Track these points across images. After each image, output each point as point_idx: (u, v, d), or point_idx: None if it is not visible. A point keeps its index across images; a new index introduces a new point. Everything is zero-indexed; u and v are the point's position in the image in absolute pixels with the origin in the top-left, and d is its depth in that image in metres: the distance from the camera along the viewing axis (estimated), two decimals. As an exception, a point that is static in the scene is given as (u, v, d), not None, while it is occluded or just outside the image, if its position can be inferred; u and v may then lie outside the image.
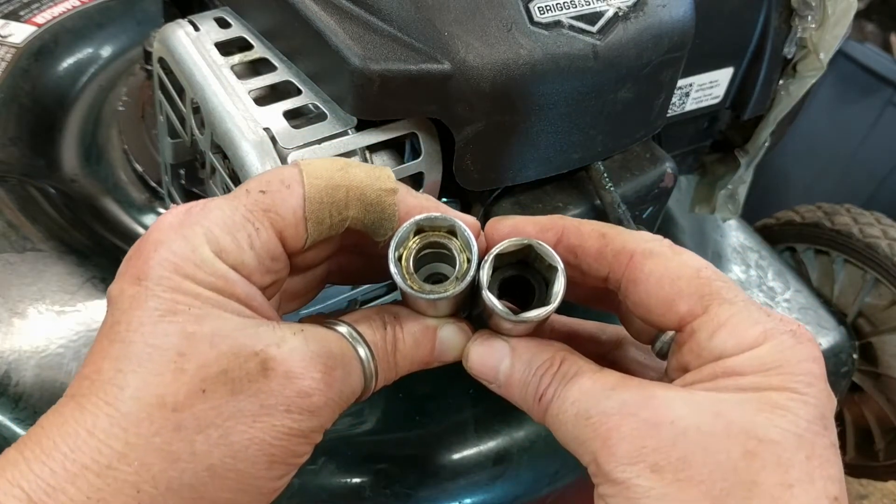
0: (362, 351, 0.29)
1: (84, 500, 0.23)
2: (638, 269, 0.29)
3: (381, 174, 0.29)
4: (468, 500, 0.48)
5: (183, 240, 0.26)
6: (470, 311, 0.33)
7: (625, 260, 0.29)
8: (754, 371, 0.26)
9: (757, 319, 0.27)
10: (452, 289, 0.28)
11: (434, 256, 0.30)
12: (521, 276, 0.30)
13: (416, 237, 0.29)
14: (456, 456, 0.49)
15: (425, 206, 0.30)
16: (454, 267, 0.29)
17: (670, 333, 0.30)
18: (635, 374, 0.32)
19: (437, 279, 0.30)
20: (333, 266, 0.33)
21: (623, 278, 0.30)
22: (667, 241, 0.30)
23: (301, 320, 0.33)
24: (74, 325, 0.46)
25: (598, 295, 0.33)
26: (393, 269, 0.28)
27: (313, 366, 0.26)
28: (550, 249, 0.28)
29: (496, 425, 0.50)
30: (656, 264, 0.29)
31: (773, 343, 0.26)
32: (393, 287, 0.44)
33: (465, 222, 0.29)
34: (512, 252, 0.29)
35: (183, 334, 0.25)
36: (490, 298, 0.28)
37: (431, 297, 0.28)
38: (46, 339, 0.45)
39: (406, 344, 0.30)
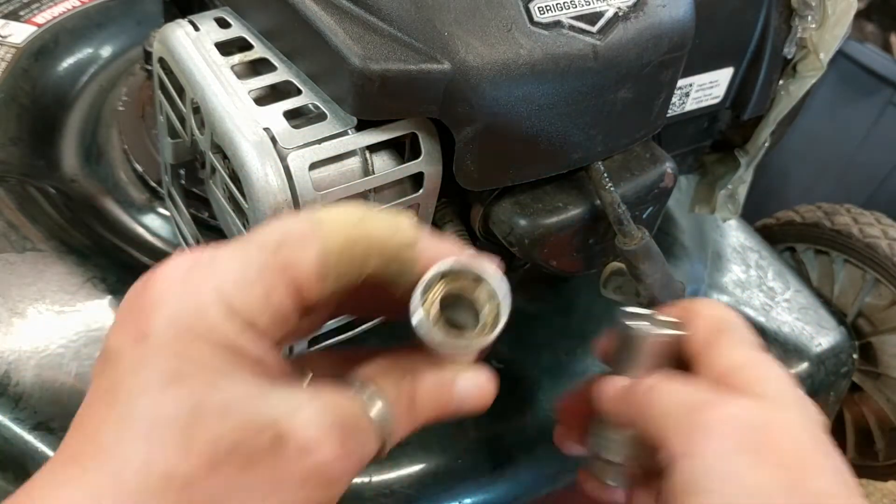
0: (379, 412, 0.28)
1: None
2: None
3: (400, 224, 0.28)
4: (468, 500, 0.48)
5: (191, 296, 0.24)
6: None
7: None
8: None
9: None
10: (481, 339, 0.27)
11: (453, 300, 0.29)
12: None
13: (440, 282, 0.28)
14: (456, 456, 0.49)
15: (446, 252, 0.28)
16: (477, 313, 0.28)
17: None
18: None
19: (454, 324, 0.29)
20: (343, 301, 0.31)
21: None
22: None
23: (310, 354, 0.32)
24: (74, 325, 0.46)
25: None
26: (418, 318, 0.27)
27: (330, 436, 0.25)
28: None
29: (496, 425, 0.50)
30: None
31: None
32: None
33: (489, 266, 0.28)
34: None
35: (191, 404, 0.23)
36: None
37: (460, 348, 0.27)
38: (46, 339, 0.45)
39: (423, 399, 0.29)
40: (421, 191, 0.38)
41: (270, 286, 0.25)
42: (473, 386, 0.30)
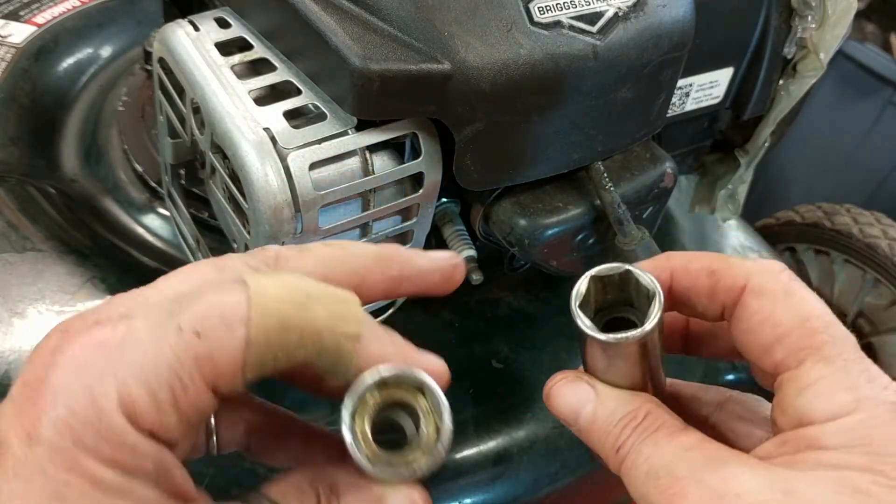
0: None
1: None
2: (743, 307, 0.27)
3: (346, 314, 0.25)
4: (468, 500, 0.48)
5: (88, 395, 0.21)
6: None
7: (735, 296, 0.28)
8: (838, 446, 0.24)
9: (852, 384, 0.25)
10: (419, 465, 0.24)
11: (393, 405, 0.26)
12: (624, 317, 0.29)
13: (377, 391, 0.25)
14: (456, 456, 0.49)
15: (389, 354, 0.25)
16: (416, 426, 0.25)
17: None
18: (736, 437, 0.31)
19: (392, 425, 0.26)
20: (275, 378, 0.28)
21: (731, 316, 0.28)
22: (785, 277, 0.28)
23: (246, 400, 0.29)
24: (74, 325, 0.46)
25: (716, 346, 0.32)
26: (347, 436, 0.24)
27: None
28: (647, 275, 0.27)
29: (496, 425, 0.50)
30: (762, 304, 0.27)
31: (864, 415, 0.24)
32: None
33: (434, 371, 0.25)
34: (608, 279, 0.28)
35: None
36: (580, 316, 0.27)
37: (395, 476, 0.24)
38: (46, 339, 0.45)
39: None
40: (421, 191, 0.38)
41: (182, 384, 0.22)
42: None
